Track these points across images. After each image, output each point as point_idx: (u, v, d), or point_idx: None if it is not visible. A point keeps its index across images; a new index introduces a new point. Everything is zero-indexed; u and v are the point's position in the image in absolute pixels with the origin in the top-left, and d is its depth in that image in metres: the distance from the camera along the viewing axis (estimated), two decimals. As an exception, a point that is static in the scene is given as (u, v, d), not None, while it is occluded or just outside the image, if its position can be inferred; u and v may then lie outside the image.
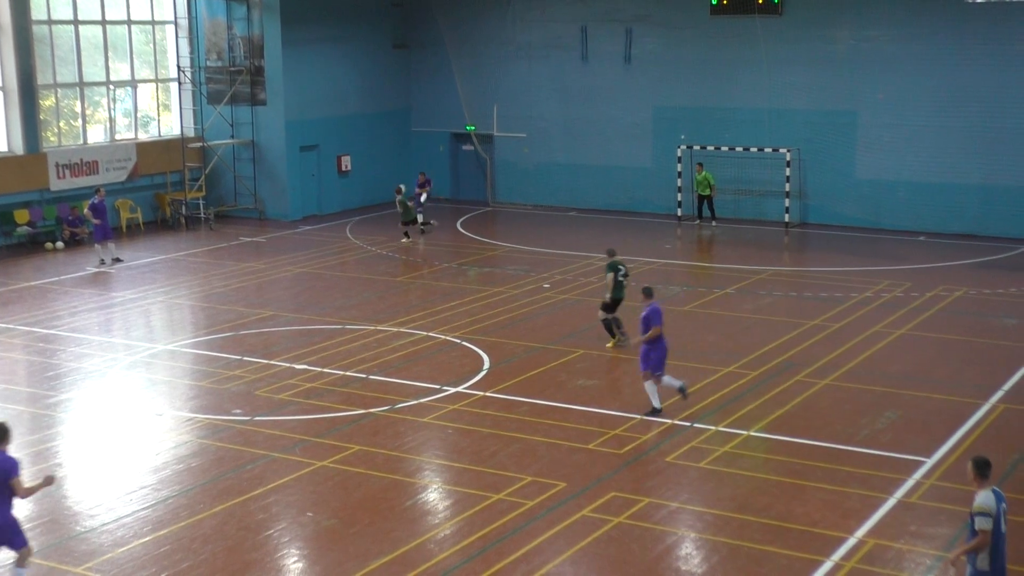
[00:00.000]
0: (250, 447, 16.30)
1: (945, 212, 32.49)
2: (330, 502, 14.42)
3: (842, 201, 33.84)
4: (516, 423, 17.13)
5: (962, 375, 19.46)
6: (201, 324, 23.68)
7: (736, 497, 14.50)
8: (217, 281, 27.32)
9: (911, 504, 14.16)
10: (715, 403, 18.01)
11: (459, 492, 14.77)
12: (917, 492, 14.51)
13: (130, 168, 34.40)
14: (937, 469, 15.24)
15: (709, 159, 34.89)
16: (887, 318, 23.06)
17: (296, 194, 36.28)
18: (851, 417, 17.35)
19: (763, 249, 31.02)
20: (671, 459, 15.68)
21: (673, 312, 23.98)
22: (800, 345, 21.18)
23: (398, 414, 17.66)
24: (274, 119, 35.71)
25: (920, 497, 14.36)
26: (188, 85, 36.23)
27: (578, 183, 37.66)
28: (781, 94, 34.14)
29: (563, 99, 37.53)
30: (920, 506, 14.11)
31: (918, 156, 32.71)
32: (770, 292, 25.66)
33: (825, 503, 14.20)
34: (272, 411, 17.81)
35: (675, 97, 35.75)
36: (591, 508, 14.08)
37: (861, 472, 15.18)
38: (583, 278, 26.99)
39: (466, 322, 22.93)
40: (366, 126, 38.36)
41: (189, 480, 15.21)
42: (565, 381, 19.22)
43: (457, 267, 28.73)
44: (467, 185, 39.88)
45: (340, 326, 22.84)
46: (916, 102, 32.50)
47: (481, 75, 38.63)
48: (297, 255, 30.33)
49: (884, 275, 27.19)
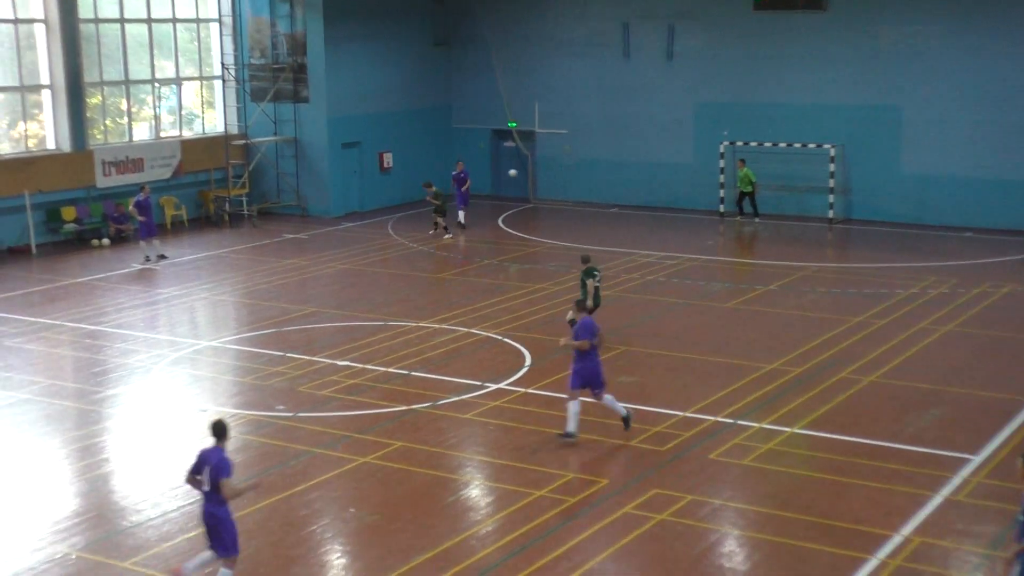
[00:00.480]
0: (293, 443, 16.37)
1: (991, 207, 32.15)
2: (372, 498, 14.46)
3: (886, 197, 33.56)
4: (557, 420, 17.08)
5: (1009, 372, 19.24)
6: (244, 320, 23.82)
7: (779, 494, 14.42)
8: (260, 278, 27.48)
9: (957, 502, 14.03)
10: (758, 400, 17.92)
11: (500, 488, 14.77)
12: (964, 490, 14.37)
13: (175, 165, 34.67)
14: (984, 467, 15.09)
15: (752, 155, 34.72)
16: (932, 315, 22.84)
17: (338, 191, 36.42)
18: (896, 414, 17.21)
19: (806, 245, 30.82)
20: (713, 456, 15.62)
21: (715, 308, 23.92)
22: (844, 342, 21.04)
23: (440, 410, 17.69)
24: (316, 116, 35.87)
25: (966, 495, 14.22)
26: (232, 83, 36.47)
27: (620, 179, 37.57)
28: (824, 89, 33.92)
29: (604, 96, 37.46)
30: (966, 504, 13.98)
31: (963, 151, 32.39)
32: (813, 289, 25.50)
33: (869, 501, 14.09)
34: (315, 407, 17.89)
35: (717, 93, 35.58)
36: (633, 505, 14.04)
37: (906, 469, 15.05)
38: (625, 274, 26.93)
39: (507, 319, 22.93)
40: (407, 123, 38.44)
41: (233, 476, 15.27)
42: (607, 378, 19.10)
43: (498, 263, 28.74)
44: (509, 182, 39.82)
45: (382, 322, 22.91)
46: (961, 97, 32.19)
47: (522, 72, 38.62)
48: (339, 252, 30.45)
49: (929, 271, 26.94)
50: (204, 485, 11.62)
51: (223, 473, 11.47)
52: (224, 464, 11.52)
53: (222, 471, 11.47)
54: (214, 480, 11.50)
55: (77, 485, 15.20)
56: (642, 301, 24.54)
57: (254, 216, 35.44)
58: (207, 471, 11.56)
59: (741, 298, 24.72)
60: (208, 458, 11.60)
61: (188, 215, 35.16)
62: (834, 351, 20.47)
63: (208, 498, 11.63)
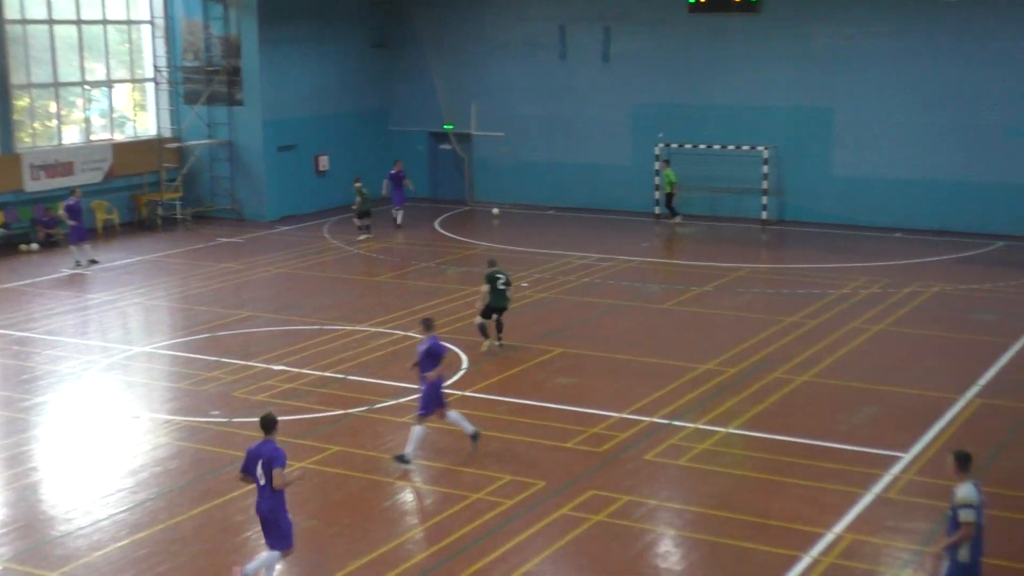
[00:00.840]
0: (228, 449, 16.22)
1: (921, 208, 32.64)
2: (309, 503, 14.37)
3: (819, 198, 33.95)
4: (495, 422, 17.11)
5: (939, 370, 19.54)
6: (179, 326, 23.59)
7: (715, 494, 14.52)
8: (195, 282, 27.21)
9: (889, 499, 14.21)
10: (694, 400, 18.04)
11: (438, 492, 14.75)
12: (895, 487, 14.57)
13: (106, 169, 34.22)
14: (914, 464, 15.31)
15: (687, 157, 34.99)
16: (864, 314, 23.14)
17: (274, 194, 36.17)
18: (829, 413, 17.40)
19: (741, 246, 31.08)
20: (650, 457, 15.69)
21: (651, 310, 24.05)
22: (778, 342, 21.24)
23: (377, 414, 17.63)
24: (251, 119, 35.59)
25: (898, 492, 14.41)
26: (164, 85, 36.09)
27: (557, 181, 37.65)
28: (759, 91, 34.25)
29: (542, 98, 37.53)
30: (898, 501, 14.17)
31: (894, 152, 32.86)
32: (748, 289, 25.72)
33: (803, 499, 14.24)
34: (250, 412, 17.69)
35: (654, 95, 35.79)
36: (570, 507, 14.08)
37: (839, 468, 15.23)
38: (562, 276, 27.00)
39: (445, 321, 22.86)
40: (344, 126, 38.28)
41: (167, 483, 15.15)
42: (544, 380, 19.21)
43: (436, 266, 28.70)
44: (445, 184, 39.82)
45: (318, 327, 22.79)
46: (892, 99, 32.64)
47: (459, 74, 38.60)
48: (275, 256, 30.24)
49: (861, 271, 27.29)
50: (260, 479, 11.76)
51: (277, 463, 11.63)
52: (278, 454, 11.69)
53: (276, 461, 11.63)
54: (269, 472, 11.66)
55: (4, 495, 14.93)
56: (579, 303, 24.61)
57: (188, 220, 35.09)
58: (260, 464, 11.70)
59: (677, 299, 24.87)
60: (260, 452, 11.78)
61: (120, 219, 34.71)
62: (768, 351, 20.66)
63: (265, 492, 11.78)
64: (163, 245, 32.15)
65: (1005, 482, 14.71)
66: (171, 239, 33.08)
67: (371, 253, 30.36)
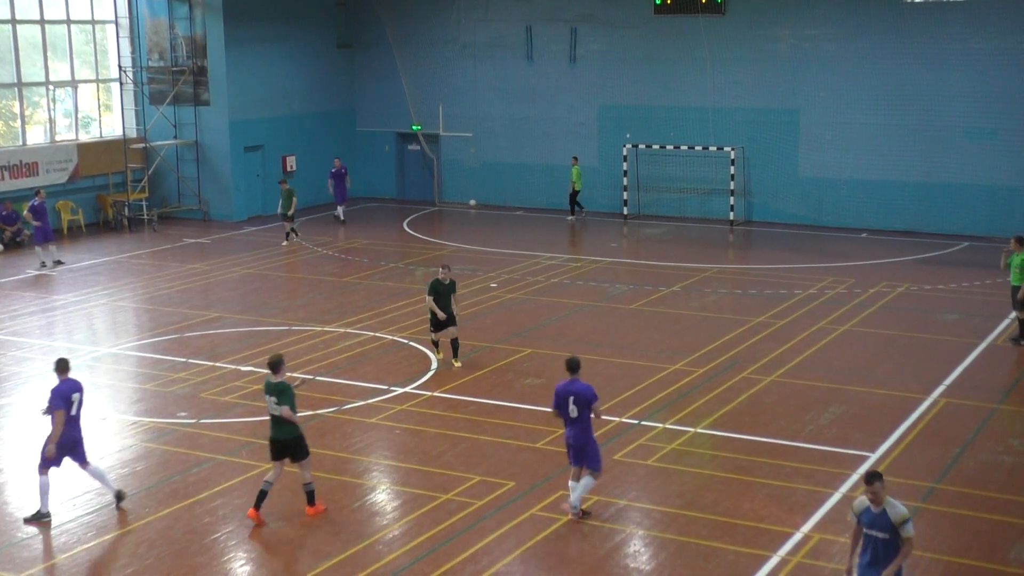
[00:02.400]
0: (196, 450, 16.16)
1: (886, 209, 32.88)
2: (278, 504, 14.31)
3: (785, 199, 34.14)
4: (464, 423, 17.12)
5: (905, 370, 19.68)
6: (145, 327, 23.46)
7: (683, 494, 14.57)
8: (161, 283, 27.05)
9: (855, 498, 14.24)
10: (662, 401, 18.09)
11: (407, 493, 14.73)
12: (862, 486, 14.61)
13: (71, 169, 33.97)
14: (881, 463, 15.39)
15: (655, 158, 35.11)
16: (831, 314, 23.28)
17: (240, 195, 36.01)
18: (796, 413, 17.49)
19: (708, 247, 31.20)
20: (618, 457, 15.72)
21: (619, 310, 24.09)
22: (745, 342, 21.33)
23: (345, 415, 17.58)
24: (218, 119, 35.42)
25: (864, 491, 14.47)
26: (130, 85, 35.87)
27: (524, 182, 37.68)
28: (725, 93, 34.40)
29: (509, 99, 37.56)
30: (865, 500, 14.22)
31: (859, 154, 33.07)
32: (715, 290, 25.82)
33: (771, 499, 14.31)
34: (218, 413, 17.67)
35: (620, 96, 35.88)
36: (540, 507, 14.09)
37: (806, 467, 15.30)
38: (530, 277, 27.01)
39: (413, 322, 22.85)
40: (311, 126, 38.18)
41: (134, 484, 15.04)
42: (512, 380, 19.22)
43: (404, 267, 28.65)
44: (413, 184, 39.79)
45: (286, 327, 22.71)
46: (857, 101, 32.85)
47: (426, 75, 38.55)
48: (242, 256, 30.10)
49: (827, 272, 27.45)
50: (572, 413, 13.60)
51: (594, 399, 13.61)
52: (590, 390, 13.63)
53: (591, 397, 13.58)
54: (581, 407, 13.54)
55: (-29, 497, 14.81)
56: (547, 303, 24.63)
57: (154, 221, 34.88)
58: (572, 400, 13.55)
59: (644, 300, 24.93)
60: (570, 390, 13.62)
61: (86, 220, 34.45)
62: (736, 351, 20.75)
63: (576, 425, 13.63)
64: (129, 246, 31.94)
65: (971, 481, 14.84)
66: (137, 240, 32.88)
67: (338, 254, 30.27)
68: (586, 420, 13.65)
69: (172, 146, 35.95)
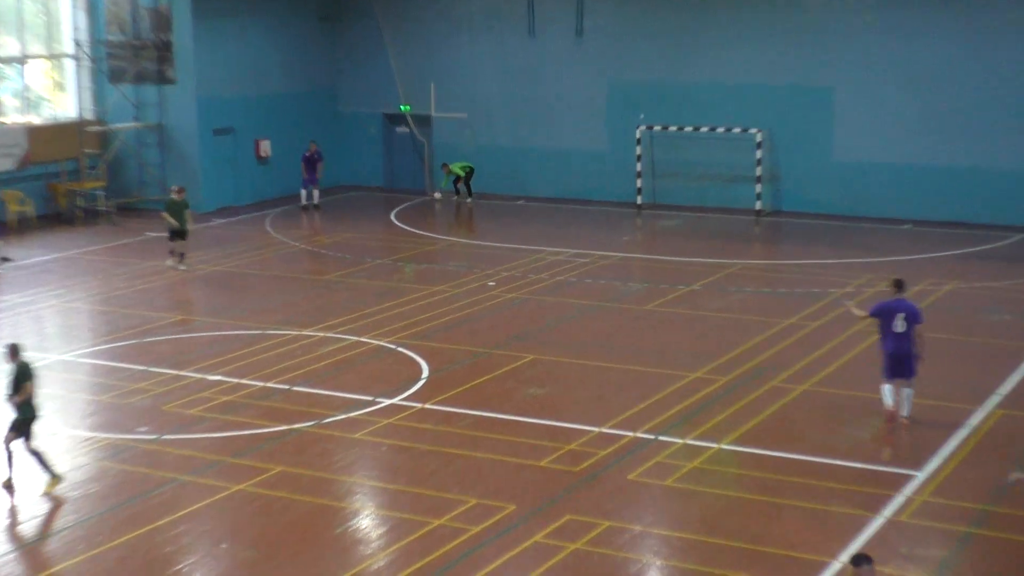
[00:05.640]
0: (157, 470, 16.09)
1: (931, 198, 32.75)
2: (248, 531, 14.24)
3: (818, 186, 34.03)
4: (459, 438, 17.04)
5: (954, 377, 19.56)
6: (101, 331, 23.41)
7: (705, 518, 14.47)
8: (119, 282, 27.00)
9: (900, 523, 14.18)
10: (681, 413, 17.99)
11: (395, 517, 14.64)
12: (907, 509, 14.53)
13: (20, 155, 33.91)
14: (929, 483, 15.29)
15: (671, 141, 35.03)
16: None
17: (209, 183, 35.96)
18: (832, 426, 17.42)
19: (732, 240, 31.13)
20: (633, 477, 15.64)
21: (633, 311, 24.00)
22: (774, 347, 21.25)
23: (326, 430, 17.51)
24: (184, 99, 35.39)
25: (911, 515, 14.38)
26: (86, 62, 35.84)
27: (526, 169, 37.63)
28: (749, 68, 34.29)
29: (508, 76, 37.49)
30: (911, 525, 14.13)
31: (901, 136, 32.95)
32: (740, 288, 25.74)
33: (804, 523, 14.20)
34: (182, 428, 17.61)
35: (632, 73, 35.79)
36: (544, 533, 13.98)
37: (844, 488, 15.20)
38: (532, 275, 26.95)
39: (401, 325, 22.79)
40: (288, 107, 38.16)
41: (87, 508, 14.96)
42: (513, 390, 19.16)
43: (391, 264, 28.60)
44: (402, 172, 39.75)
45: (260, 331, 22.65)
46: (899, 76, 32.71)
47: (417, 50, 38.50)
48: (211, 252, 30.04)
49: (866, 268, 27.36)
50: (898, 327, 16.93)
51: (919, 320, 17.01)
52: (919, 311, 17.19)
53: (920, 317, 17.05)
54: (911, 324, 16.92)
55: (-97, 523, 14.68)
56: (551, 304, 24.56)
57: (112, 212, 34.83)
58: (901, 317, 16.93)
59: (661, 299, 24.85)
60: (900, 307, 17.06)
61: (36, 211, 34.40)
62: (763, 357, 20.66)
63: (902, 339, 16.98)
64: (84, 240, 31.91)
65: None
66: (93, 233, 32.86)
67: (318, 249, 30.24)
68: (911, 335, 16.99)
69: (133, 129, 35.93)
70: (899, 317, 17.01)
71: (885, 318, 17.19)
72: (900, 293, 17.35)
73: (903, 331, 17.01)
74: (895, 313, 17.09)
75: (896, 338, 17.11)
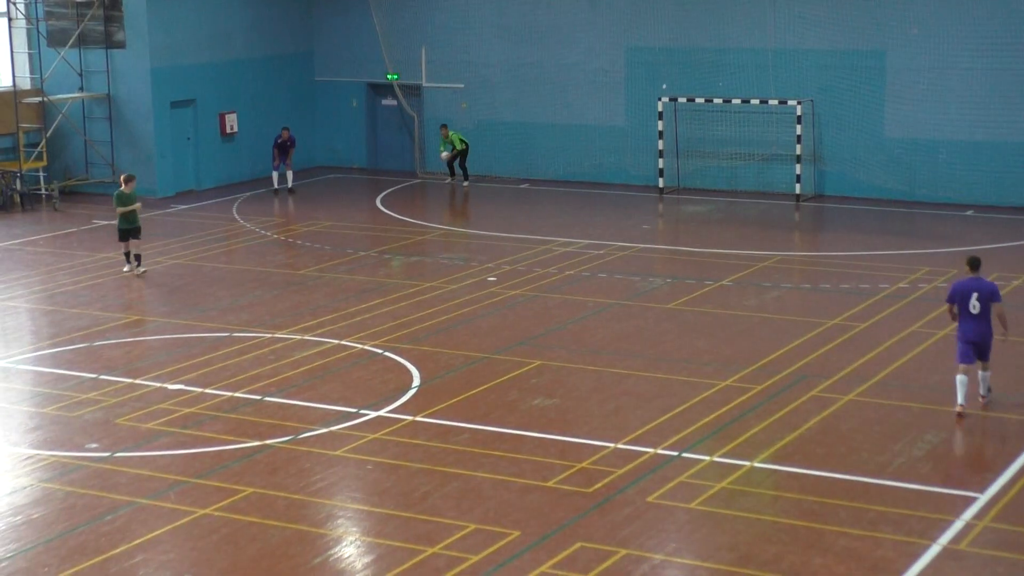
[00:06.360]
0: (110, 492, 16.11)
1: (997, 179, 32.82)
2: (215, 561, 14.29)
3: (868, 167, 34.12)
4: (455, 456, 17.09)
5: (1022, 387, 19.64)
6: (44, 333, 23.47)
7: (736, 546, 14.54)
8: (64, 277, 27.08)
9: (959, 552, 14.24)
10: (709, 426, 18.06)
11: (383, 545, 14.71)
12: (967, 537, 14.61)
13: (-52, 132, 34.05)
14: (992, 507, 15.35)
15: (697, 115, 35.09)
16: (926, 315, 23.25)
17: (166, 164, 36.05)
18: (882, 442, 17.44)
19: (768, 228, 31.20)
20: (653, 499, 15.70)
21: (654, 310, 24.07)
22: (816, 351, 21.31)
23: (302, 446, 17.57)
24: (136, 66, 35.46)
25: (971, 543, 14.45)
26: (21, 22, 35.88)
27: (531, 147, 37.69)
28: (788, 31, 34.34)
29: (512, 41, 37.54)
30: (971, 555, 14.19)
31: (963, 108, 33.00)
32: (777, 284, 25.81)
33: (850, 553, 14.26)
34: (138, 444, 17.65)
35: (654, 37, 35.85)
36: (551, 563, 14.06)
37: (895, 512, 15.26)
38: (539, 268, 27.01)
39: (389, 327, 22.86)
40: (257, 76, 38.20)
41: (29, 536, 15.00)
42: (517, 401, 19.21)
43: (376, 256, 28.66)
44: (388, 150, 39.79)
45: (226, 334, 22.72)
46: (961, 39, 32.73)
47: (406, 11, 38.54)
48: (170, 242, 30.12)
49: (922, 260, 27.40)
50: (974, 309, 18.05)
51: (996, 299, 18.12)
52: (995, 289, 18.26)
53: (996, 297, 18.13)
54: (985, 305, 18.02)
55: None
56: (560, 302, 24.63)
57: (55, 197, 34.91)
58: (976, 297, 18.01)
59: (686, 297, 24.92)
60: (973, 287, 18.12)
61: (-33, 196, 34.56)
62: (803, 363, 20.72)
63: (979, 320, 18.08)
64: (22, 230, 31.99)
65: (1107, 528, 14.82)
66: (33, 221, 32.93)
67: (293, 239, 30.29)
68: (988, 316, 18.05)
69: (77, 100, 36.00)
70: (974, 297, 18.06)
71: (960, 301, 18.24)
72: (975, 272, 18.34)
73: (978, 313, 18.05)
74: (970, 293, 18.12)
75: (972, 320, 18.14)
